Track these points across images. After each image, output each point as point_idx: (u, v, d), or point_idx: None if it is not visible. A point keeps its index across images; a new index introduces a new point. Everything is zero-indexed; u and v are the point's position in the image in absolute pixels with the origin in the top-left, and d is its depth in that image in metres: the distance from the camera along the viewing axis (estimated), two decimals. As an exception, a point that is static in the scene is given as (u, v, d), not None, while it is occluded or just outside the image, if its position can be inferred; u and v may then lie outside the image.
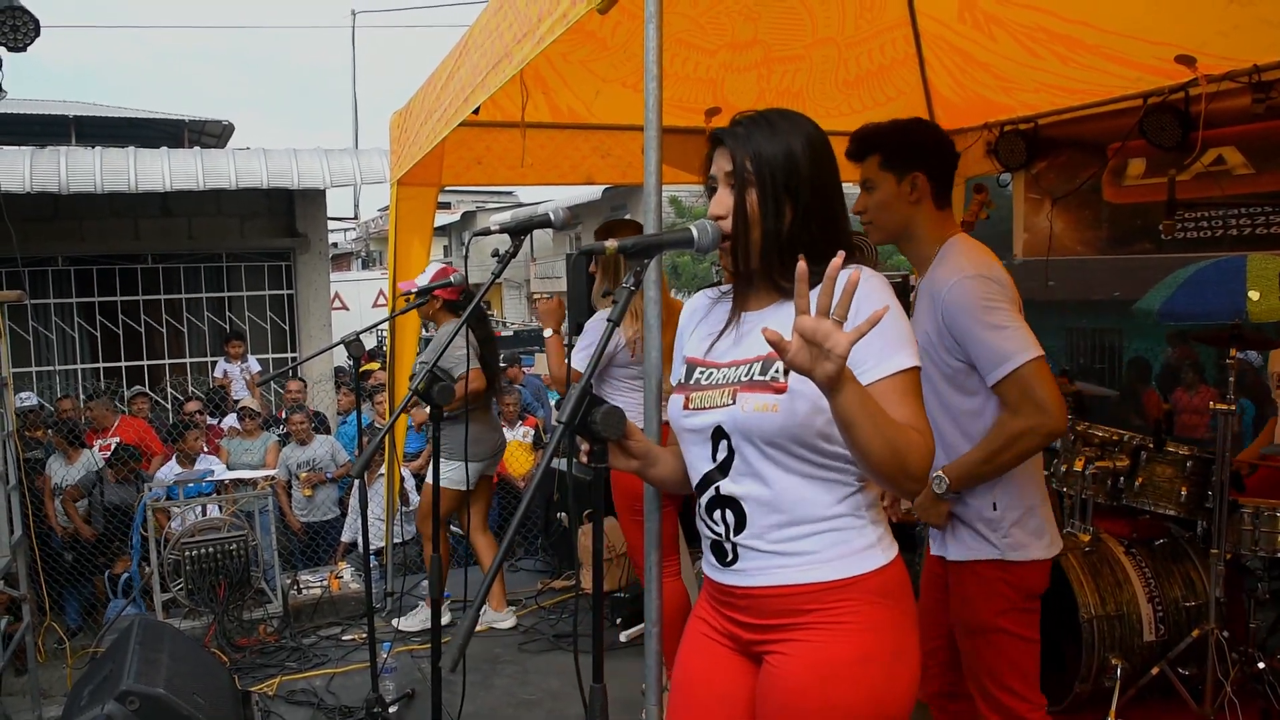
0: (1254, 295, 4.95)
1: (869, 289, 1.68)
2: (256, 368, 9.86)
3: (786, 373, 1.70)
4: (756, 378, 1.75)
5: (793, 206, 1.76)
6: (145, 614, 5.27)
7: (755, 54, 4.54)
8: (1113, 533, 3.89)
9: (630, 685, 4.09)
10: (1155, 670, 3.59)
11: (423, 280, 4.53)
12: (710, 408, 1.81)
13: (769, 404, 1.71)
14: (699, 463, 1.85)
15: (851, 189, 2.39)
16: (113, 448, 6.90)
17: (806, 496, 1.74)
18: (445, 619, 4.95)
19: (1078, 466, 3.91)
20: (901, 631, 1.76)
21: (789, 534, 1.75)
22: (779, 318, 1.78)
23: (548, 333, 4.16)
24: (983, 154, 5.48)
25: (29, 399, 8.28)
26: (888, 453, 1.58)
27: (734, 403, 1.76)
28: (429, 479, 4.73)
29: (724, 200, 1.79)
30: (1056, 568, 3.71)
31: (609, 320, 1.65)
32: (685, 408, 1.86)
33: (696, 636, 1.94)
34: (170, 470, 6.53)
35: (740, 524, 1.79)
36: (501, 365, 5.89)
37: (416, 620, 5.11)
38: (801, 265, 1.49)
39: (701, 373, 1.88)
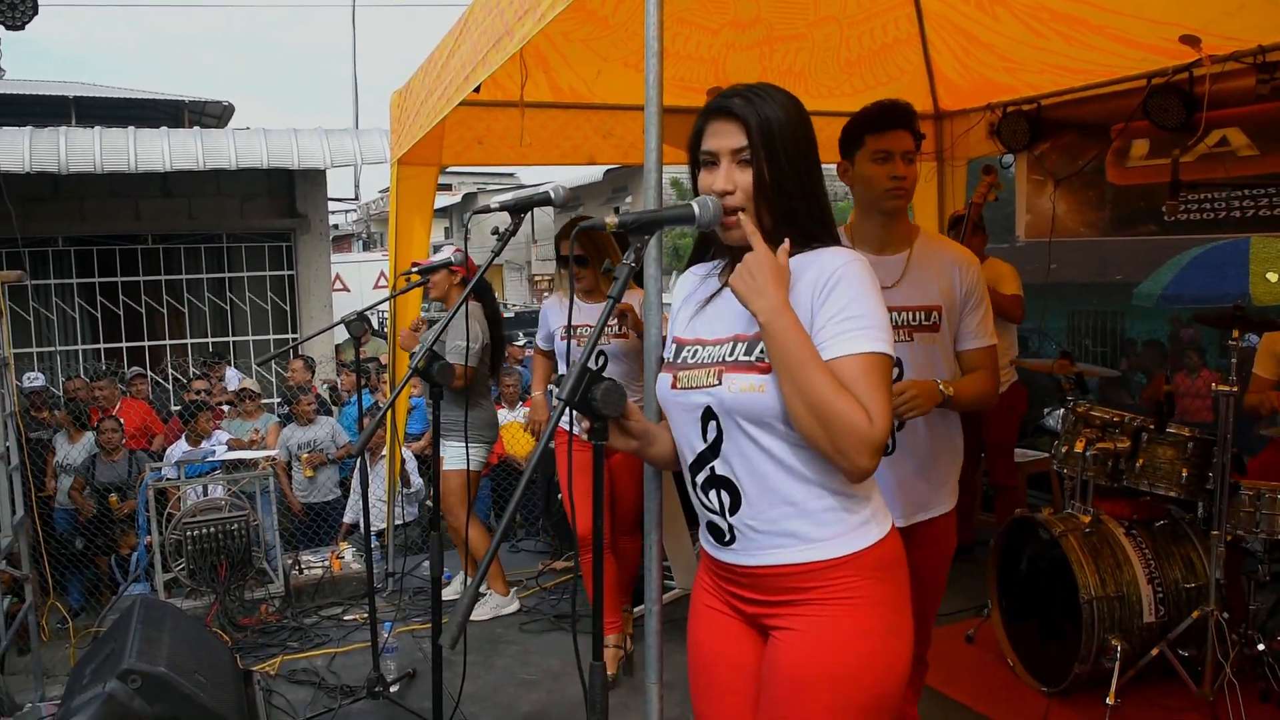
0: (1272, 277, 4.94)
1: (849, 273, 1.73)
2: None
3: None
4: (741, 358, 1.77)
5: (797, 175, 1.79)
6: (147, 593, 5.29)
7: (757, 32, 4.52)
8: (1113, 514, 3.88)
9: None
10: (1155, 651, 3.59)
11: (439, 260, 4.50)
12: (697, 387, 1.81)
13: (755, 384, 1.73)
14: (692, 441, 1.85)
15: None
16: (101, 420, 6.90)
17: (798, 476, 1.75)
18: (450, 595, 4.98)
19: (1078, 447, 3.90)
20: (897, 606, 1.80)
21: (783, 513, 1.76)
22: None
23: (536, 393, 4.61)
24: (985, 135, 5.46)
25: (37, 379, 8.27)
26: (809, 415, 1.65)
27: (720, 383, 1.77)
28: (445, 466, 4.78)
29: (731, 175, 1.78)
30: (1056, 548, 3.72)
31: (610, 297, 1.65)
32: (673, 387, 1.87)
33: (702, 609, 1.97)
34: (179, 449, 6.55)
35: (735, 504, 1.80)
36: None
37: (488, 608, 5.05)
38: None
39: (689, 351, 1.89)
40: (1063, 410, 4.17)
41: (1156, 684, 3.70)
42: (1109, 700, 3.46)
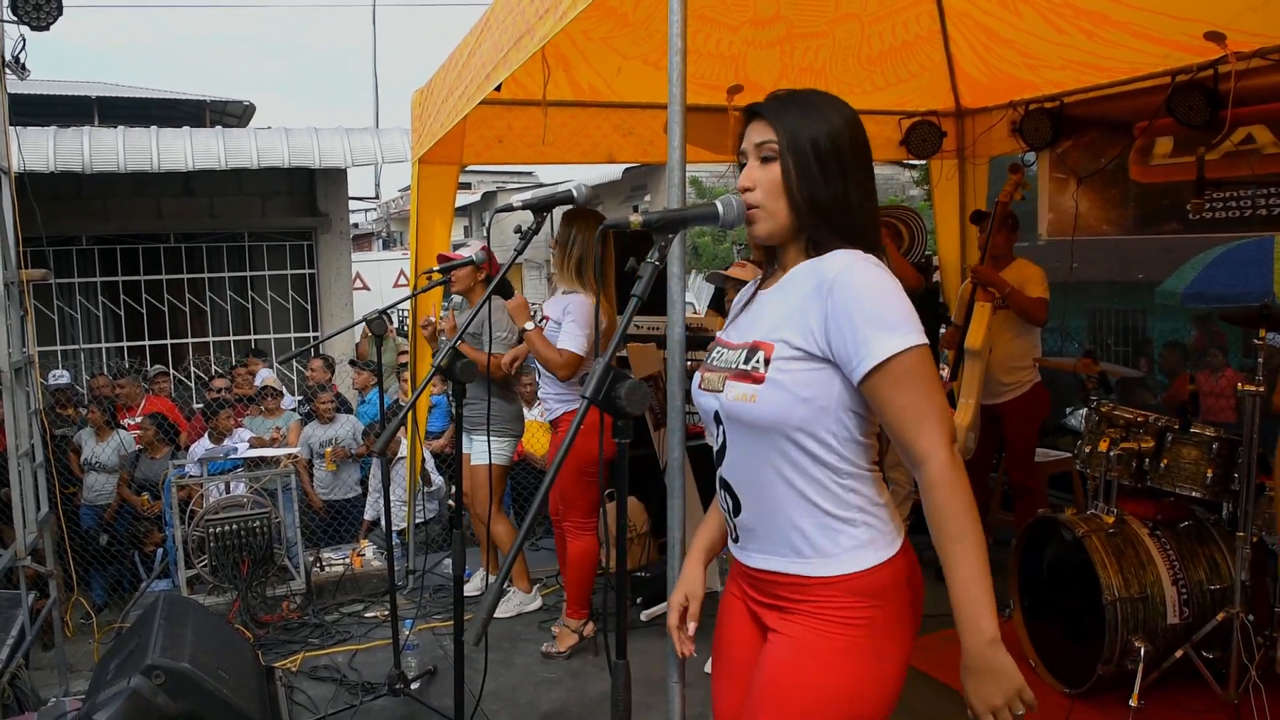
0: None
1: (843, 280, 1.65)
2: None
3: (766, 363, 1.71)
4: (741, 366, 1.77)
5: (825, 183, 1.74)
6: (170, 590, 5.32)
7: (778, 30, 4.51)
8: (1137, 514, 3.85)
9: (650, 663, 4.11)
10: (1179, 653, 3.57)
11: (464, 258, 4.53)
12: (710, 390, 1.84)
13: (748, 394, 1.73)
14: (713, 441, 1.90)
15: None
16: (141, 418, 6.95)
17: (792, 491, 1.75)
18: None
19: (1102, 447, 3.88)
20: (887, 633, 1.75)
21: (776, 524, 1.77)
22: (780, 294, 1.80)
23: (528, 326, 4.12)
24: (1007, 132, 5.43)
25: (62, 377, 8.33)
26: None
27: (724, 389, 1.79)
28: (473, 460, 4.84)
29: (752, 173, 1.78)
30: (1079, 548, 3.70)
31: (634, 295, 1.65)
32: (699, 387, 1.90)
33: (729, 598, 2.01)
34: (202, 446, 6.59)
35: (737, 507, 1.84)
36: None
37: (511, 605, 5.08)
38: None
39: (716, 353, 1.90)
40: (1086, 410, 4.14)
41: (1180, 686, 3.67)
42: (1132, 702, 3.44)
